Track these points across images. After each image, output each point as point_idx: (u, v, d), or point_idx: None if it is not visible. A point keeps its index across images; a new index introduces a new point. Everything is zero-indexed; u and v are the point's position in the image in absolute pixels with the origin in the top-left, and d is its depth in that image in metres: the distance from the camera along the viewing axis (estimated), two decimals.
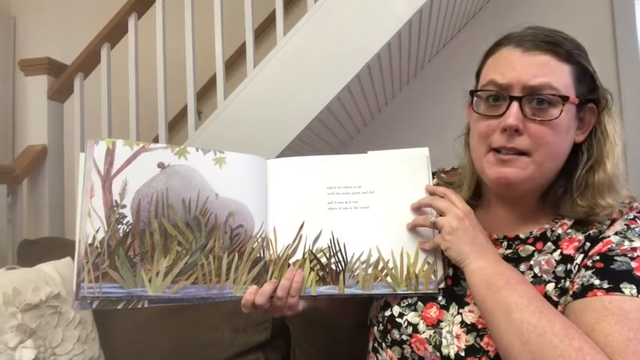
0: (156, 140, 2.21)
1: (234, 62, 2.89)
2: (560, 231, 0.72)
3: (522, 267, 0.72)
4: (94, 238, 0.69)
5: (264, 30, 2.85)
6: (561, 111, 0.68)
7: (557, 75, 0.69)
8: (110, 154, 0.72)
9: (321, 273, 0.77)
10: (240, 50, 2.79)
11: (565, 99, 0.68)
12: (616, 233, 0.67)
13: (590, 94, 0.72)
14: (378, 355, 0.80)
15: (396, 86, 2.41)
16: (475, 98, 0.75)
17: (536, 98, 0.68)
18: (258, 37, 2.53)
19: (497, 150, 0.71)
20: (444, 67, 2.44)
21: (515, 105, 0.68)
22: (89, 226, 0.69)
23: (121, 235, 0.70)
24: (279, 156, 1.78)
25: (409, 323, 0.74)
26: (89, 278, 0.67)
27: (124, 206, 0.71)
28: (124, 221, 0.70)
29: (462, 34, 2.45)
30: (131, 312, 0.71)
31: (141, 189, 0.72)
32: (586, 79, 0.72)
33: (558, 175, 0.74)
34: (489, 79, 0.72)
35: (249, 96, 1.84)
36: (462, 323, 0.71)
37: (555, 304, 0.67)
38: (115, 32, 2.06)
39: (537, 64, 0.69)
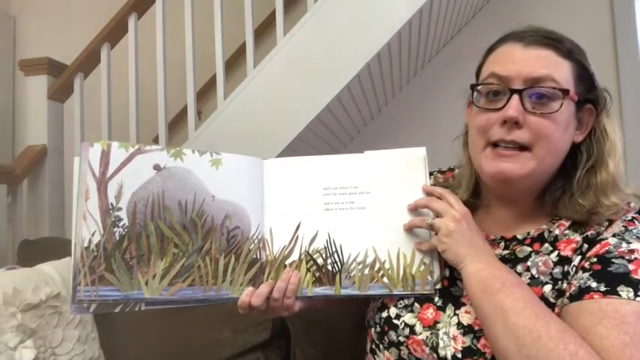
0: (156, 140, 2.21)
1: (234, 62, 2.89)
2: (557, 232, 0.71)
3: (519, 268, 0.72)
4: (90, 241, 0.69)
5: (264, 30, 2.85)
6: (562, 104, 0.68)
7: (559, 68, 0.69)
8: (105, 156, 0.72)
9: (317, 274, 0.76)
10: (240, 50, 2.79)
11: (565, 92, 0.68)
12: (614, 235, 0.67)
13: (588, 94, 0.72)
14: (375, 356, 0.80)
15: (396, 86, 2.41)
16: (475, 93, 0.75)
17: (536, 92, 0.68)
18: (258, 37, 2.52)
19: (495, 144, 0.71)
20: (444, 67, 2.44)
21: (515, 98, 0.68)
22: (85, 229, 0.69)
23: (117, 238, 0.70)
24: (279, 156, 1.78)
25: (406, 325, 0.74)
26: (86, 282, 0.67)
27: (119, 209, 0.71)
28: (120, 224, 0.70)
29: (461, 34, 2.45)
30: (131, 312, 0.71)
31: (137, 191, 0.72)
32: (585, 78, 0.72)
33: (556, 174, 0.73)
34: (490, 72, 0.72)
35: (249, 96, 1.84)
36: (459, 325, 0.71)
37: (552, 306, 0.66)
38: (115, 32, 2.06)
39: (539, 57, 0.69)
